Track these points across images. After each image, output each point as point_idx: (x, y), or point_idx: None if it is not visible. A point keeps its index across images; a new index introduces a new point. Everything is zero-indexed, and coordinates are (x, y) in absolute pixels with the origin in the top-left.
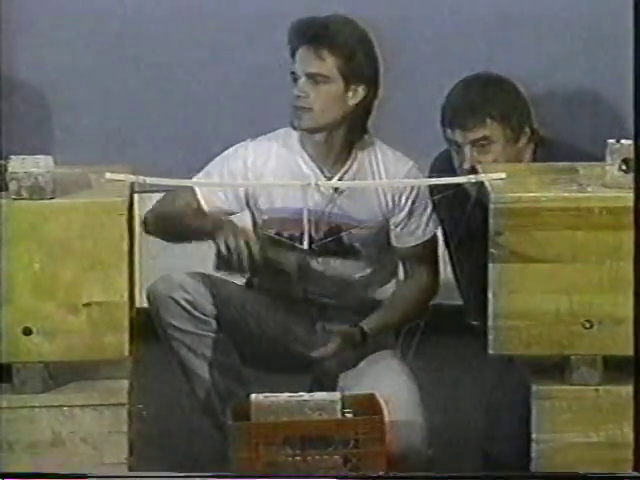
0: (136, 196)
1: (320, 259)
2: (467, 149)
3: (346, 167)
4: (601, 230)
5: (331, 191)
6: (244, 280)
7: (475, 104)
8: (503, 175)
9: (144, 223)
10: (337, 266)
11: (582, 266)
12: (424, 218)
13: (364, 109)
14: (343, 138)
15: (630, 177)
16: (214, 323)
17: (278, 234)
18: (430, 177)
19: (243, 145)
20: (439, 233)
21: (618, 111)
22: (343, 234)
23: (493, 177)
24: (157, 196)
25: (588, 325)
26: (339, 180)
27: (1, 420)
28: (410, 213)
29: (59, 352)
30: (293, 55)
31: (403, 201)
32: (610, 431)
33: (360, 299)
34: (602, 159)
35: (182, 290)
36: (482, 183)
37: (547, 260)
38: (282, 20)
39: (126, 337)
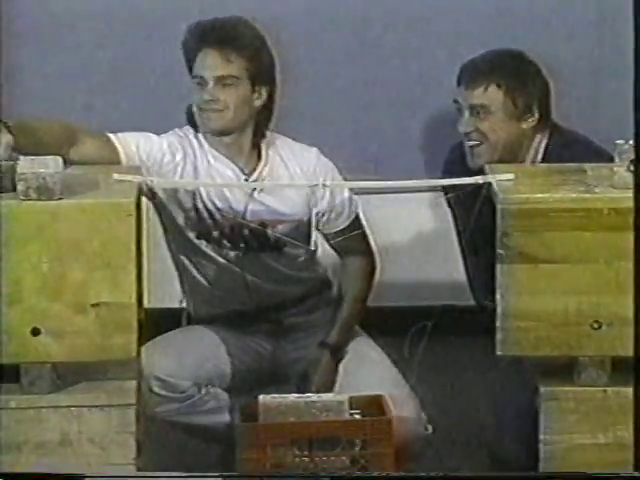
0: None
1: (250, 256)
2: (466, 113)
3: (260, 166)
4: (609, 231)
5: (249, 188)
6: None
7: (484, 67)
8: (511, 176)
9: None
10: (269, 262)
11: (590, 267)
12: (345, 199)
13: (268, 110)
14: (250, 139)
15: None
16: (194, 390)
17: (205, 233)
18: (444, 176)
19: (149, 138)
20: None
21: (619, 111)
22: (268, 230)
23: (501, 178)
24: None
25: (596, 326)
26: (255, 180)
27: (9, 420)
28: (332, 198)
29: (67, 352)
30: (191, 58)
31: (320, 190)
32: (618, 432)
33: (298, 289)
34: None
35: (156, 380)
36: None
37: (555, 261)
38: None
39: (134, 338)
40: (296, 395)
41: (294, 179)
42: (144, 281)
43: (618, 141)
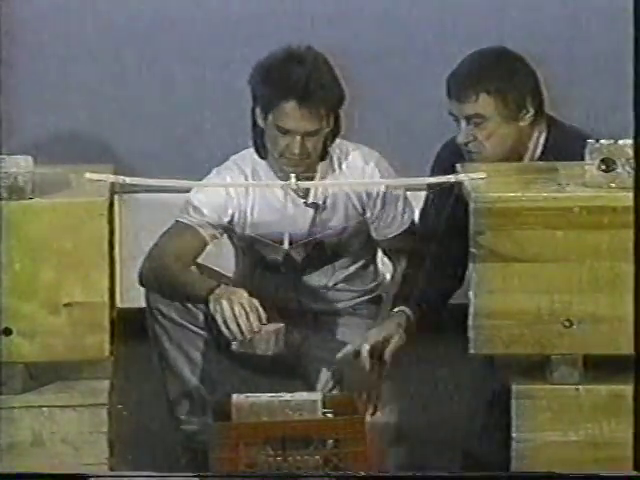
0: (116, 196)
1: (306, 274)
2: (463, 123)
3: (315, 179)
4: (581, 229)
5: (311, 211)
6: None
7: (470, 77)
8: (483, 175)
9: (140, 276)
10: (322, 272)
11: (562, 265)
12: (399, 208)
13: (334, 129)
14: (314, 159)
15: (609, 176)
16: (201, 317)
17: (262, 257)
18: (432, 174)
19: (216, 175)
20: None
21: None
22: (325, 243)
23: (473, 177)
24: (140, 196)
25: (568, 324)
26: (307, 196)
27: None
28: (383, 205)
29: (39, 352)
30: (266, 104)
31: (375, 194)
32: (590, 430)
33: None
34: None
35: None
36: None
37: (527, 259)
38: (262, 28)
39: (106, 337)
40: (269, 394)
41: (347, 188)
42: (116, 281)
43: (589, 140)
